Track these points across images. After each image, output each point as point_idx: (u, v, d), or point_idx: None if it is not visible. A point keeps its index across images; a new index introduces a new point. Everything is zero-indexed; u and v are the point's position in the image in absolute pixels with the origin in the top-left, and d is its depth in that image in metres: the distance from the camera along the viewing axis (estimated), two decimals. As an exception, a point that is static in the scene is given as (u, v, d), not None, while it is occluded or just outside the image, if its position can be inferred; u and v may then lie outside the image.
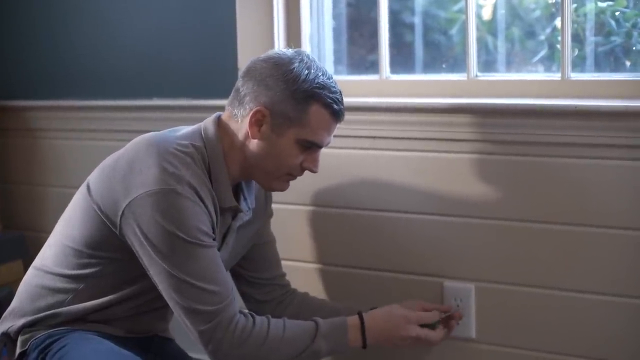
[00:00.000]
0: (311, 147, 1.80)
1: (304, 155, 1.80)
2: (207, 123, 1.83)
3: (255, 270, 2.04)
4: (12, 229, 2.85)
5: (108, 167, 1.79)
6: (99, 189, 1.78)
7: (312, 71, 1.76)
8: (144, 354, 1.84)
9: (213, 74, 2.41)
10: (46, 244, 1.91)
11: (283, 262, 2.12)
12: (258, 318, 1.76)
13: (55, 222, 1.93)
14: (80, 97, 2.63)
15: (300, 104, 1.75)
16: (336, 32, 2.45)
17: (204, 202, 1.73)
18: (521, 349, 2.03)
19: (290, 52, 1.80)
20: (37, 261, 1.90)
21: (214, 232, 1.77)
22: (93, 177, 1.82)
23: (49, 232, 1.93)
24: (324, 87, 1.76)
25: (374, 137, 2.13)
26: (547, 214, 1.96)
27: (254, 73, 1.78)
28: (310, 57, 1.80)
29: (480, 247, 2.05)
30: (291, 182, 1.88)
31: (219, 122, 1.83)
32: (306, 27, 2.33)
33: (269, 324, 1.76)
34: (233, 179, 1.83)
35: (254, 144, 1.79)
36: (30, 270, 1.90)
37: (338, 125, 1.84)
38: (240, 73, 1.83)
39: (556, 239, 1.96)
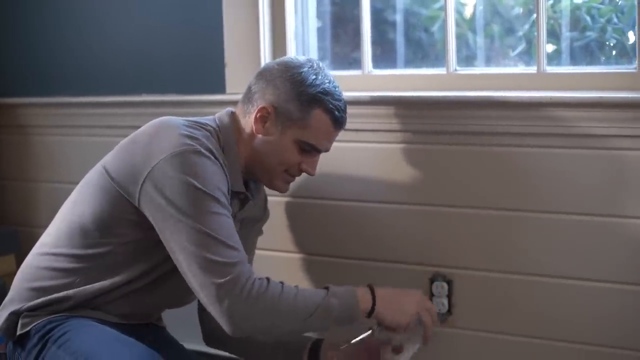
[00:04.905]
0: (310, 151, 1.87)
1: (303, 157, 1.87)
2: (221, 114, 1.90)
3: None
4: (4, 224, 2.87)
5: (126, 143, 1.83)
6: (117, 165, 1.79)
7: (320, 77, 1.84)
8: (140, 341, 1.87)
9: (201, 70, 2.45)
10: (50, 230, 1.89)
11: (267, 253, 2.17)
12: (271, 280, 1.74)
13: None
14: (71, 94, 2.65)
15: (304, 106, 1.82)
16: (320, 29, 2.50)
17: (222, 169, 1.77)
18: (500, 333, 2.08)
19: (302, 58, 1.89)
20: (42, 247, 1.87)
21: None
22: (109, 158, 1.84)
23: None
24: (328, 93, 1.84)
25: (356, 130, 2.17)
26: (525, 202, 2.01)
27: (265, 74, 1.87)
28: (321, 65, 1.88)
29: (462, 235, 2.09)
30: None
31: (232, 115, 1.90)
32: (291, 25, 2.38)
33: (282, 283, 1.75)
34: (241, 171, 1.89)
35: (258, 139, 1.86)
36: (33, 257, 1.88)
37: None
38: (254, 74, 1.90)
39: (534, 226, 2.01)
